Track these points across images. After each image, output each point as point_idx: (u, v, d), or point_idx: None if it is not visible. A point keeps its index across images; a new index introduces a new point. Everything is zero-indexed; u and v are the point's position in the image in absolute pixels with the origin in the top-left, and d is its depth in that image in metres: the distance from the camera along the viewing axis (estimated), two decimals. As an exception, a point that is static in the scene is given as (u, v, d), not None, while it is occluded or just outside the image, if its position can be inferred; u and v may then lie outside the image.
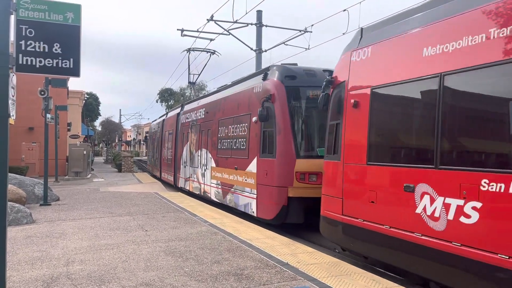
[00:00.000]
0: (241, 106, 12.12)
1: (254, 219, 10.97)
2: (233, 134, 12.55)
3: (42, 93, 14.61)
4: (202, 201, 14.80)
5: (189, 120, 17.98)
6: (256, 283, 5.53)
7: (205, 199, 15.18)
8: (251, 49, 19.00)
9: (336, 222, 7.30)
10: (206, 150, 15.10)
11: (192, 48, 20.90)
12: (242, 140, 11.82)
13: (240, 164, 11.83)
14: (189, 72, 22.01)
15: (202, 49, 20.96)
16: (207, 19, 17.64)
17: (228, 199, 12.77)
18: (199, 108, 16.59)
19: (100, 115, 68.39)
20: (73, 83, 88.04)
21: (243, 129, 11.79)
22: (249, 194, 11.20)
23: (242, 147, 11.80)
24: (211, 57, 21.08)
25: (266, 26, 18.61)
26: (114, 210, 12.23)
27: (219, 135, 13.69)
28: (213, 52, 20.92)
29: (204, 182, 15.29)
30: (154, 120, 32.83)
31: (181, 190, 18.92)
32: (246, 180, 11.44)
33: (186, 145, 18.28)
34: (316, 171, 9.49)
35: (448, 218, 5.13)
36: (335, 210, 7.34)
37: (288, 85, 10.12)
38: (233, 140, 12.54)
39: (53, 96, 15.91)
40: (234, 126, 12.54)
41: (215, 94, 15.34)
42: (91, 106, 62.49)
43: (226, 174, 13.00)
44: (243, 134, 11.74)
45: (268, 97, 10.15)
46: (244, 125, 11.76)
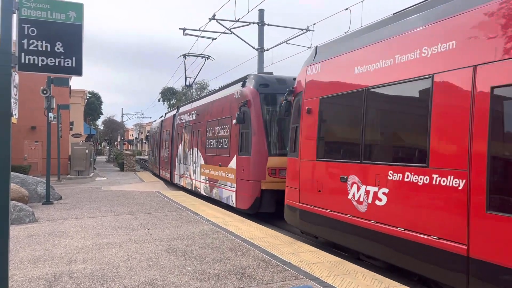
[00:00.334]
0: (224, 110, 13.47)
1: (234, 209, 12.12)
2: (218, 135, 13.88)
3: (45, 92, 14.62)
4: (194, 195, 15.76)
5: (183, 121, 19.27)
6: (258, 282, 5.53)
7: (196, 193, 16.31)
8: (253, 48, 18.97)
9: (295, 209, 8.77)
10: (197, 149, 16.39)
11: (188, 53, 22.29)
12: (225, 140, 13.12)
13: (223, 161, 13.08)
14: (185, 76, 23.49)
15: (198, 54, 22.41)
16: (209, 18, 17.63)
17: (214, 192, 13.99)
18: (191, 110, 17.91)
19: (102, 114, 68.54)
20: (75, 82, 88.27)
21: (226, 130, 13.11)
22: (230, 187, 12.47)
23: (225, 146, 13.11)
24: (206, 61, 22.45)
25: (268, 25, 18.57)
26: (116, 209, 12.25)
27: (207, 135, 15.01)
28: (207, 57, 22.34)
29: (195, 178, 16.57)
30: (154, 120, 34.04)
31: (175, 185, 20.19)
32: (228, 175, 12.68)
33: (180, 144, 19.47)
34: (285, 167, 10.26)
35: (368, 202, 6.55)
36: (294, 199, 8.80)
37: (262, 92, 11.52)
38: (218, 140, 13.87)
39: (55, 95, 15.91)
40: (219, 128, 13.86)
41: (205, 98, 16.70)
42: (93, 105, 62.59)
43: (212, 170, 14.26)
44: (226, 135, 13.06)
45: (245, 102, 11.56)
46: (226, 126, 13.07)
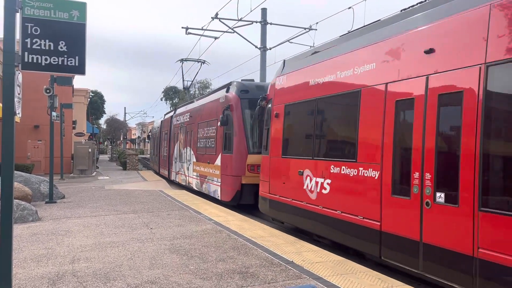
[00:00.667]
0: (212, 113, 14.93)
1: (219, 201, 13.52)
2: (207, 135, 15.37)
3: (48, 91, 14.63)
4: (188, 190, 17.24)
5: (179, 122, 20.67)
6: (261, 281, 5.53)
7: (189, 188, 17.84)
8: (256, 47, 18.98)
9: (266, 199, 10.18)
10: (190, 148, 17.84)
11: (185, 58, 23.87)
12: (212, 140, 14.60)
13: (211, 159, 14.55)
14: (183, 79, 25.60)
15: (194, 59, 23.98)
16: (211, 17, 17.67)
17: (204, 187, 15.47)
18: (186, 112, 19.31)
19: (105, 113, 68.65)
20: (78, 81, 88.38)
21: (213, 131, 14.59)
22: (216, 182, 13.92)
23: (212, 146, 14.57)
24: (201, 66, 23.99)
25: (271, 24, 18.59)
26: (119, 208, 12.27)
27: (198, 136, 16.46)
28: (203, 62, 23.88)
29: (188, 175, 18.06)
30: (156, 120, 34.28)
31: (172, 182, 21.80)
32: (214, 171, 14.16)
33: (176, 143, 20.92)
34: None
35: (317, 191, 8.04)
36: (265, 190, 10.20)
37: (242, 97, 12.95)
38: (207, 139, 15.35)
39: (58, 94, 15.90)
40: (207, 129, 15.34)
41: (198, 101, 18.11)
42: (96, 104, 62.76)
43: (202, 167, 15.75)
44: (213, 135, 14.54)
45: (228, 106, 13.01)
46: (214, 128, 14.55)
